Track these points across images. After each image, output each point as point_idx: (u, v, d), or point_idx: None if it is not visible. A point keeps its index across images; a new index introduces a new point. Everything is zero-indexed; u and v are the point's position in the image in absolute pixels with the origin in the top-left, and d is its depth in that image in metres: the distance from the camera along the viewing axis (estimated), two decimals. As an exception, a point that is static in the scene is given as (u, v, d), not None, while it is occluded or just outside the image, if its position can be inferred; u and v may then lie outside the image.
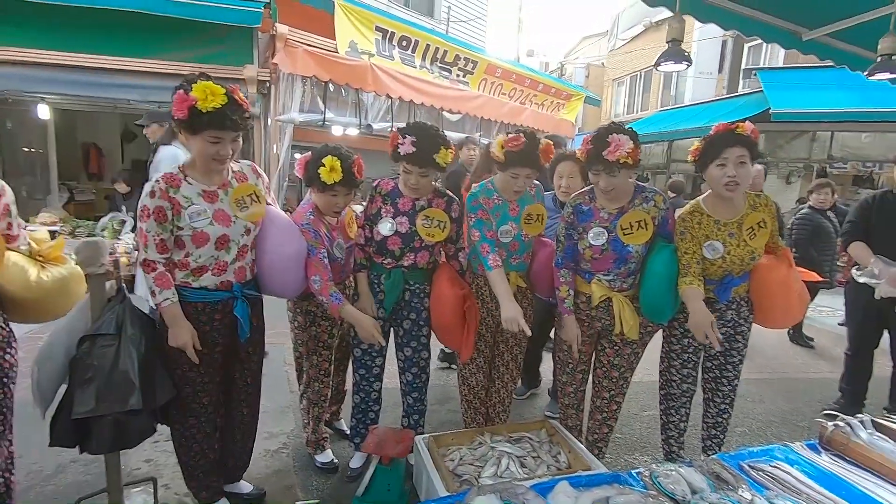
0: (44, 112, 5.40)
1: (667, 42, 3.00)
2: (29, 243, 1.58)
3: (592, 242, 2.04)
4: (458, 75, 7.37)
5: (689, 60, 3.07)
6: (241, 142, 1.73)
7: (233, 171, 1.78)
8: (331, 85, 5.75)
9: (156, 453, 2.33)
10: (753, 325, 2.16)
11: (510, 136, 2.04)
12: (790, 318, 2.12)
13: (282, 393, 3.07)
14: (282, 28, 5.32)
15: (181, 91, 1.54)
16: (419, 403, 2.30)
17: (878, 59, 2.89)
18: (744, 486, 1.64)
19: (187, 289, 1.70)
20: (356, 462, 2.30)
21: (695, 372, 2.18)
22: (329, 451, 2.36)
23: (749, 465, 1.76)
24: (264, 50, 5.56)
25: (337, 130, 6.25)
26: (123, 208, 5.93)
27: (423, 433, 2.25)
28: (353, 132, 6.37)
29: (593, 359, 2.29)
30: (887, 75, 2.96)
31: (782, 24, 3.42)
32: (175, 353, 1.69)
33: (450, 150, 2.03)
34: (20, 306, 1.55)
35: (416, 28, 7.04)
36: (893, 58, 2.83)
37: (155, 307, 1.68)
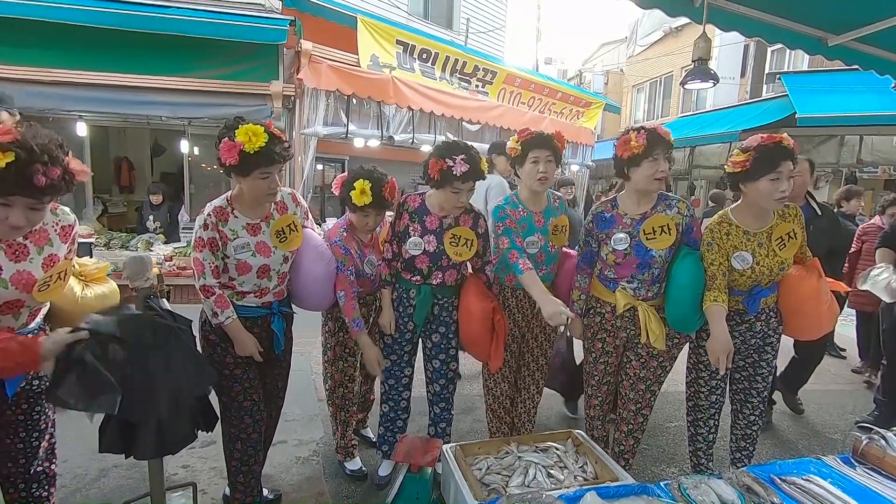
0: (82, 129, 5.65)
1: (693, 61, 3.03)
2: (75, 265, 1.70)
3: (615, 247, 2.06)
4: (477, 86, 7.44)
5: (715, 79, 3.13)
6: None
7: (275, 203, 1.87)
8: (353, 98, 5.87)
9: (192, 459, 2.42)
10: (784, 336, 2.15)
11: (521, 129, 2.19)
12: (820, 328, 2.09)
13: (310, 401, 3.14)
14: (306, 44, 5.47)
15: (226, 139, 1.63)
16: (446, 413, 2.33)
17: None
18: (775, 499, 1.62)
19: (233, 306, 1.82)
20: (384, 470, 2.34)
21: (724, 383, 2.16)
22: (358, 458, 2.42)
23: (780, 479, 1.74)
24: (289, 66, 5.72)
25: (359, 142, 6.38)
26: (151, 217, 6.15)
27: (449, 442, 2.29)
28: (375, 143, 6.48)
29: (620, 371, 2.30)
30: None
31: (806, 31, 3.39)
32: (220, 356, 1.82)
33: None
34: (62, 320, 1.63)
35: (435, 41, 7.15)
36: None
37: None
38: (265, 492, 2.11)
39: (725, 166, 1.99)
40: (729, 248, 1.98)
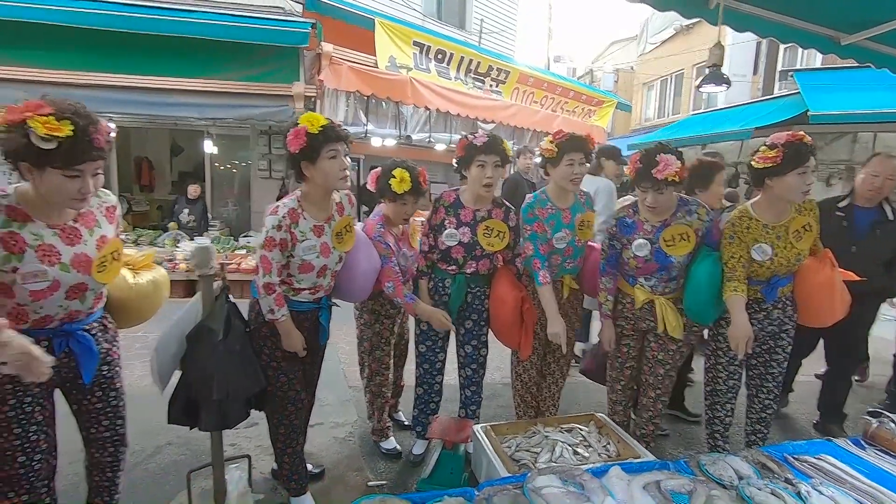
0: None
1: (707, 67, 3.17)
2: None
3: (636, 253, 2.18)
4: (490, 85, 7.56)
5: (728, 83, 3.29)
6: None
7: (335, 204, 1.98)
8: (372, 99, 6.02)
9: (238, 439, 2.58)
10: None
11: (555, 132, 2.29)
12: (832, 316, 2.20)
13: (342, 388, 3.30)
14: (327, 47, 5.62)
15: (292, 131, 1.76)
16: (476, 396, 2.48)
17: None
18: (789, 475, 1.74)
19: (286, 301, 1.92)
20: (418, 449, 2.49)
21: (741, 369, 2.28)
22: (392, 438, 2.58)
23: (793, 458, 1.85)
24: (310, 67, 5.88)
25: (376, 142, 6.53)
26: (186, 210, 6.33)
27: (478, 424, 2.43)
28: (391, 143, 6.63)
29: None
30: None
31: (820, 30, 3.47)
32: (270, 348, 1.94)
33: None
34: (119, 310, 1.72)
35: (450, 41, 7.28)
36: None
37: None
38: (309, 467, 2.26)
39: (752, 162, 2.07)
40: (749, 241, 2.09)
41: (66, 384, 1.54)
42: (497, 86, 7.63)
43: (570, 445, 2.18)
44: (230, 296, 1.89)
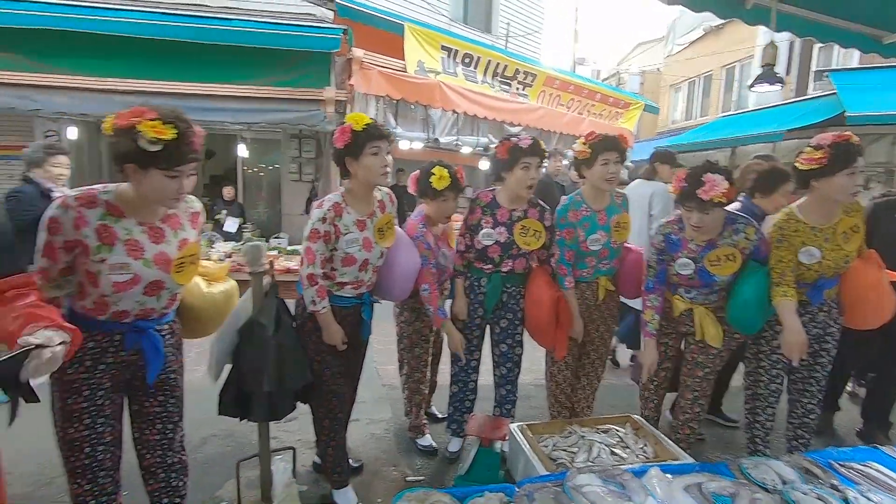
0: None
1: (761, 66, 3.16)
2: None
3: (680, 272, 2.16)
4: (517, 88, 7.57)
5: (781, 81, 3.23)
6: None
7: (377, 201, 2.07)
8: (401, 102, 6.10)
9: (278, 432, 2.65)
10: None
11: (586, 133, 2.31)
12: (880, 318, 2.16)
13: (376, 385, 3.37)
14: (357, 52, 5.73)
15: (339, 128, 1.88)
16: (511, 395, 2.50)
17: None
18: (834, 481, 1.72)
19: (329, 295, 2.00)
20: (454, 446, 2.53)
21: (784, 372, 2.25)
22: (428, 435, 2.62)
23: (839, 464, 1.82)
24: (341, 72, 5.99)
25: (404, 145, 6.61)
26: (224, 212, 6.53)
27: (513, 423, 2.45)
28: (419, 146, 6.70)
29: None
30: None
31: (861, 29, 3.40)
32: (315, 343, 2.00)
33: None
34: (189, 318, 1.77)
35: (477, 45, 7.33)
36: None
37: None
38: (350, 461, 2.32)
39: (796, 163, 2.04)
40: (797, 244, 2.05)
41: (134, 383, 1.59)
42: (524, 89, 7.64)
43: (607, 446, 2.19)
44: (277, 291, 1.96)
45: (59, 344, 1.11)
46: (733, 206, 2.27)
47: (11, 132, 6.58)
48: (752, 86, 3.32)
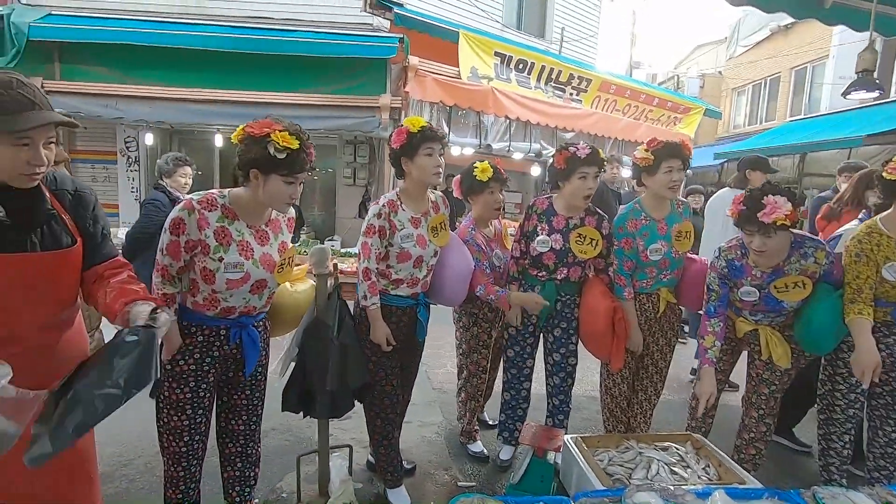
0: (218, 141, 6.46)
1: (856, 73, 2.96)
2: None
3: (744, 299, 2.06)
4: (571, 94, 7.47)
5: (881, 88, 3.01)
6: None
7: (431, 202, 2.13)
8: (454, 109, 6.17)
9: (334, 430, 2.70)
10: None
11: (648, 140, 2.27)
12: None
13: (427, 389, 3.40)
14: (413, 59, 5.84)
15: (395, 130, 1.96)
16: (565, 405, 2.46)
17: None
18: (926, 518, 1.58)
19: (385, 295, 2.06)
20: (505, 454, 2.52)
21: (862, 397, 2.10)
22: (479, 441, 2.62)
23: (930, 498, 1.67)
24: (396, 79, 6.13)
25: (455, 150, 6.66)
26: None
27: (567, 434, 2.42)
28: (470, 151, 6.74)
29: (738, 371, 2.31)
30: None
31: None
32: (371, 343, 2.05)
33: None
34: (276, 316, 1.88)
35: (531, 50, 7.30)
36: None
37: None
38: (403, 462, 2.36)
39: (884, 173, 1.92)
40: (880, 259, 1.92)
41: (229, 375, 1.72)
42: (578, 94, 7.53)
43: (666, 464, 2.11)
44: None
45: (154, 311, 1.22)
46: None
47: (96, 139, 7.17)
48: (845, 93, 3.10)
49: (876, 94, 3.10)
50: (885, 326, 1.99)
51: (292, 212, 1.78)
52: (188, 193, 2.59)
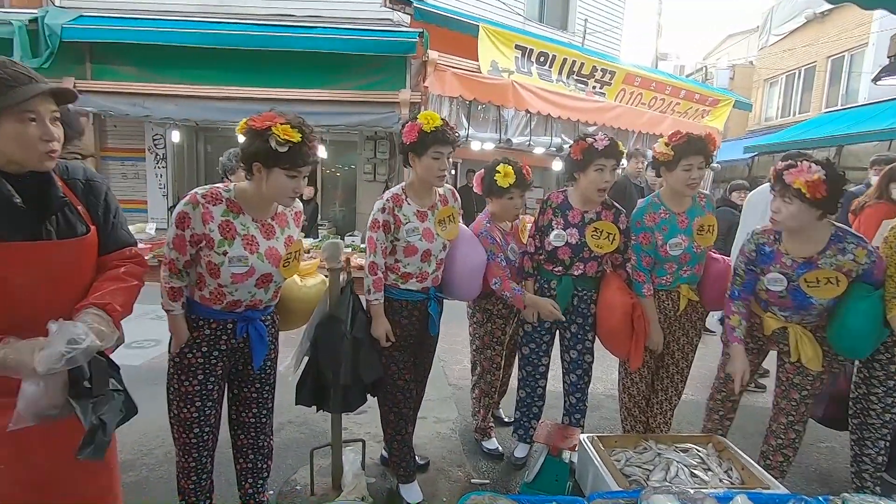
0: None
1: (889, 57, 2.80)
2: None
3: (770, 287, 1.96)
4: (594, 87, 7.32)
5: None
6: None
7: (439, 195, 2.11)
8: (474, 103, 6.11)
9: (349, 424, 2.75)
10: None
11: (670, 133, 2.16)
12: None
13: (443, 384, 3.39)
14: (432, 54, 5.80)
15: (409, 123, 1.92)
16: (581, 404, 2.41)
17: None
18: (966, 531, 1.49)
19: (396, 289, 2.05)
20: (520, 452, 2.49)
21: None
22: (494, 439, 2.60)
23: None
24: (415, 74, 6.11)
25: (475, 145, 6.61)
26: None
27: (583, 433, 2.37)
28: (490, 146, 6.67)
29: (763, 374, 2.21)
30: None
31: None
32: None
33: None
34: (286, 310, 1.90)
35: (553, 43, 7.17)
36: None
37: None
38: (417, 458, 2.35)
39: None
40: None
41: (238, 368, 1.74)
42: (601, 87, 7.37)
43: (686, 466, 2.05)
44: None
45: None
46: None
47: (126, 137, 7.37)
48: (876, 79, 2.95)
49: None
50: None
51: (299, 205, 1.78)
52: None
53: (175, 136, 7.22)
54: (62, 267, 1.24)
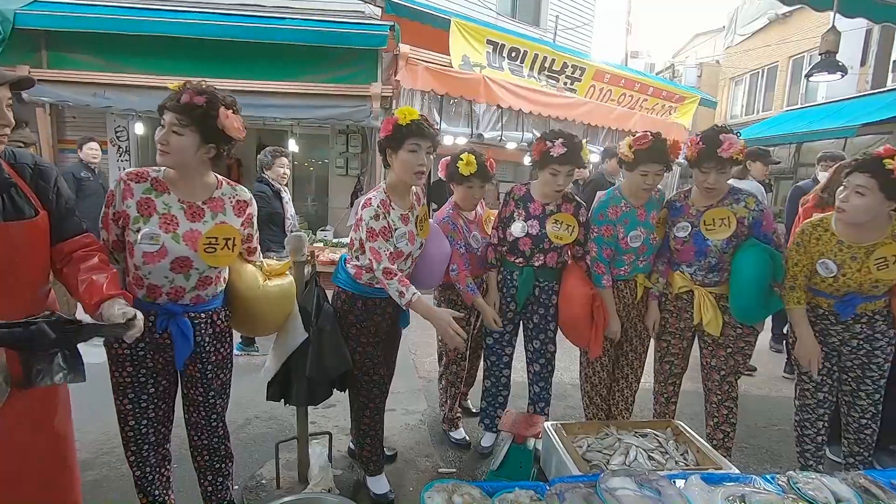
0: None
1: (820, 54, 2.99)
2: (262, 261, 1.87)
3: (676, 234, 2.22)
4: (565, 83, 7.41)
5: (843, 70, 3.05)
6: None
7: (414, 194, 2.07)
8: (446, 98, 6.12)
9: (316, 417, 2.75)
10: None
11: (637, 135, 2.20)
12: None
13: (412, 377, 3.41)
14: (404, 48, 5.78)
15: (385, 119, 1.91)
16: (545, 392, 2.47)
17: None
18: (896, 502, 1.59)
19: (370, 288, 1.99)
20: (487, 441, 2.53)
21: (830, 380, 2.13)
22: (462, 429, 2.64)
23: (903, 484, 1.69)
24: (387, 68, 6.08)
25: (448, 140, 6.62)
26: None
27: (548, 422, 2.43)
28: (462, 141, 6.70)
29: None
30: None
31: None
32: (356, 334, 2.02)
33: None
34: (246, 311, 1.75)
35: (524, 39, 7.23)
36: None
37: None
38: (385, 450, 2.36)
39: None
40: (814, 253, 1.99)
41: (169, 368, 1.66)
42: (572, 83, 7.48)
43: (645, 450, 2.12)
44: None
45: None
46: None
47: (86, 128, 7.10)
48: (808, 75, 3.13)
49: (838, 76, 3.12)
50: (832, 315, 2.06)
51: (246, 195, 1.70)
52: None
53: (139, 129, 6.99)
54: (9, 249, 1.22)
